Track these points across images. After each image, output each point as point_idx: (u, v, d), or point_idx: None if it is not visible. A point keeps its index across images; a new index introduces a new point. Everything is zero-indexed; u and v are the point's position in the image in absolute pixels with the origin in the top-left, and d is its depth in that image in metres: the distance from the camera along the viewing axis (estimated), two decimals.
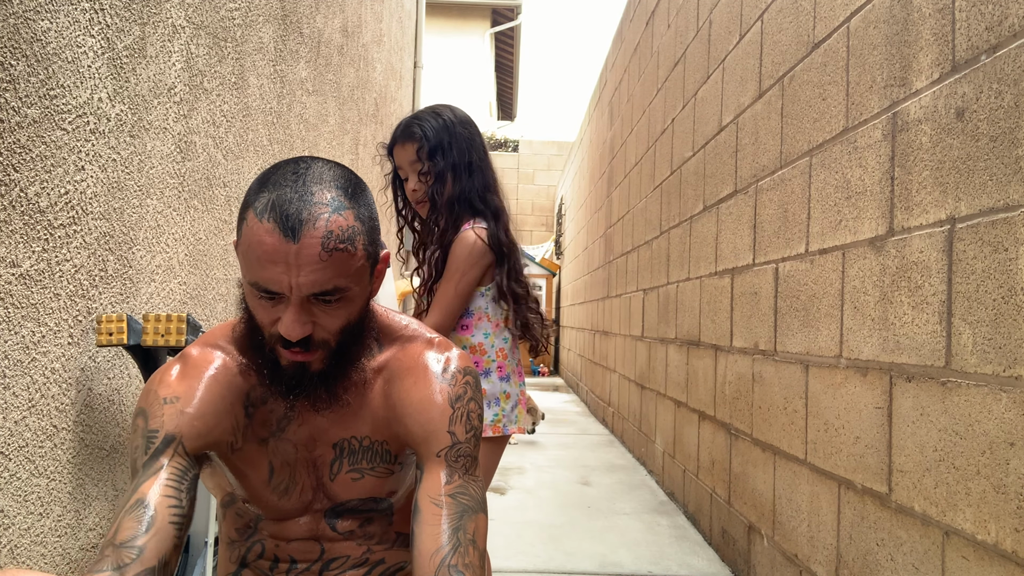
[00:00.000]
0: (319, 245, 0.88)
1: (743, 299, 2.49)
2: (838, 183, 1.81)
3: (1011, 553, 1.18)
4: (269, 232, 0.88)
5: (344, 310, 0.94)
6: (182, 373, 0.99)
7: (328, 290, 0.90)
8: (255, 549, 1.08)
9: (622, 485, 3.72)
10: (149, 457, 0.92)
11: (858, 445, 1.67)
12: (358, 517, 1.07)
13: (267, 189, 0.91)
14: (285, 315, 0.90)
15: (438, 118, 1.73)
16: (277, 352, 0.95)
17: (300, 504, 1.05)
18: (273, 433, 1.02)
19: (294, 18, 3.19)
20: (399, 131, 1.74)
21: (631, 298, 4.71)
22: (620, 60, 5.57)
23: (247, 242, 0.89)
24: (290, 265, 0.87)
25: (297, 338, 0.90)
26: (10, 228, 1.48)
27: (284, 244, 0.87)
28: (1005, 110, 1.23)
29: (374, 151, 4.95)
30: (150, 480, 0.90)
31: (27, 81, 1.51)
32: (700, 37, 3.17)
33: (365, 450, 1.04)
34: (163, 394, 0.97)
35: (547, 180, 12.12)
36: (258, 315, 0.93)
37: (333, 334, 0.95)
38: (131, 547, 0.82)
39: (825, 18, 1.92)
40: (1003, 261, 1.22)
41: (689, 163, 3.30)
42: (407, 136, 1.72)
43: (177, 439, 0.93)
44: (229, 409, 0.99)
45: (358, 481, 1.05)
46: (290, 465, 1.03)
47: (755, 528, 2.31)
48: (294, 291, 0.88)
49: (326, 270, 0.89)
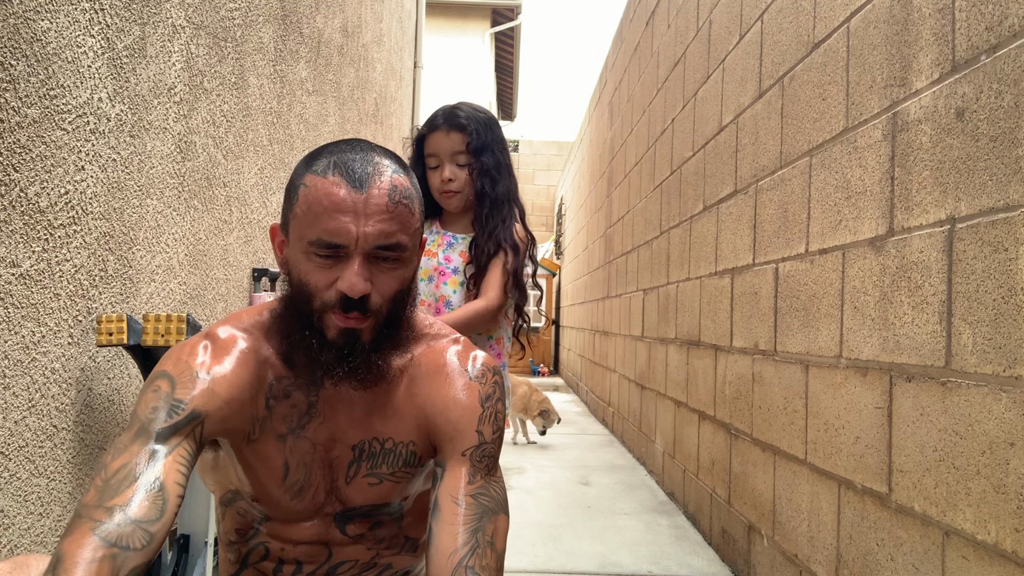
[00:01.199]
0: (386, 196, 0.90)
1: (743, 299, 2.49)
2: (838, 183, 1.81)
3: (1011, 553, 1.18)
4: (336, 184, 0.89)
5: (399, 272, 0.94)
6: (213, 352, 0.95)
7: (391, 244, 0.91)
8: (258, 551, 1.05)
9: (622, 485, 3.72)
10: (169, 427, 0.87)
11: (858, 445, 1.67)
12: (368, 521, 1.04)
13: (324, 155, 0.93)
14: (346, 271, 0.89)
15: (482, 114, 1.75)
16: (326, 323, 0.93)
17: (312, 506, 1.02)
18: (292, 430, 0.99)
19: (294, 18, 3.19)
20: (443, 119, 1.72)
21: (631, 298, 4.71)
22: (620, 60, 5.57)
23: (308, 200, 0.90)
24: (358, 214, 0.88)
25: (360, 294, 0.89)
26: (10, 228, 1.48)
27: (352, 194, 0.89)
28: (1005, 110, 1.23)
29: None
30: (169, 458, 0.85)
31: (27, 81, 1.51)
32: (700, 37, 3.17)
33: (387, 453, 1.01)
34: (195, 367, 0.92)
35: (547, 180, 12.11)
36: (312, 279, 0.91)
37: (387, 299, 0.94)
38: (147, 532, 0.79)
39: (825, 18, 1.92)
40: (1003, 261, 1.22)
41: (689, 163, 3.30)
42: (455, 126, 1.70)
43: (201, 418, 0.89)
44: (252, 399, 0.96)
45: (375, 487, 1.02)
46: (306, 465, 1.00)
47: (755, 528, 2.31)
48: (360, 241, 0.89)
49: (392, 222, 0.90)
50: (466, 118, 1.70)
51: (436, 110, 1.76)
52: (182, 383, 0.90)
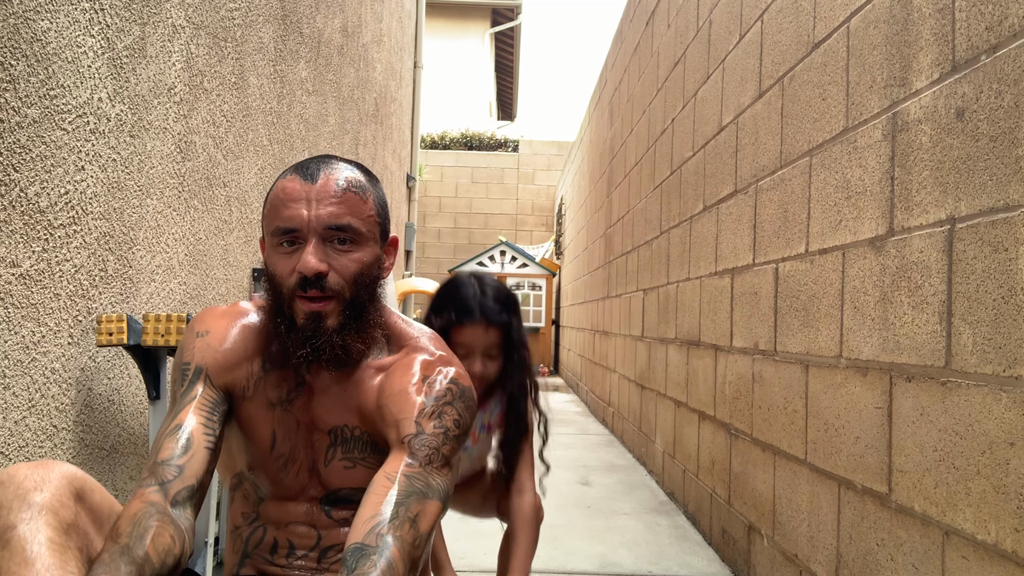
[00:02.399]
0: (335, 184, 1.02)
1: (743, 299, 2.49)
2: (838, 183, 1.81)
3: (1011, 553, 1.18)
4: (291, 180, 1.02)
5: (357, 255, 1.04)
6: (219, 314, 1.10)
7: (342, 225, 1.01)
8: (256, 535, 1.13)
9: (622, 485, 3.72)
10: (185, 388, 1.03)
11: (858, 445, 1.67)
12: (352, 506, 1.12)
13: (292, 166, 1.07)
14: (303, 253, 1.00)
15: (511, 297, 1.65)
16: (295, 309, 1.03)
17: (298, 485, 1.12)
18: (281, 402, 1.10)
19: (294, 18, 3.19)
20: (479, 310, 1.58)
21: (631, 298, 4.71)
22: (620, 60, 5.57)
23: (272, 200, 1.04)
24: (309, 200, 1.00)
25: (313, 271, 0.99)
26: (10, 228, 1.48)
27: (304, 185, 1.01)
28: (1005, 110, 1.23)
29: (375, 150, 4.95)
30: (186, 408, 1.00)
31: (27, 81, 1.51)
32: (700, 37, 3.17)
33: (356, 440, 1.10)
34: (196, 328, 1.09)
35: (547, 180, 12.12)
36: (278, 269, 1.03)
37: (348, 281, 1.03)
38: (171, 465, 0.92)
39: (825, 18, 1.92)
40: (1003, 261, 1.22)
41: (689, 163, 3.30)
42: (494, 322, 1.59)
43: (204, 370, 1.04)
44: (249, 356, 1.09)
45: (350, 470, 1.11)
46: (291, 441, 1.10)
47: (755, 528, 2.32)
48: (312, 223, 1.00)
49: (340, 205, 1.02)
50: (504, 310, 1.61)
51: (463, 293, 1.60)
52: (186, 348, 1.07)
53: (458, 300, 1.60)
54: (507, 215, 11.91)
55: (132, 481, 1.98)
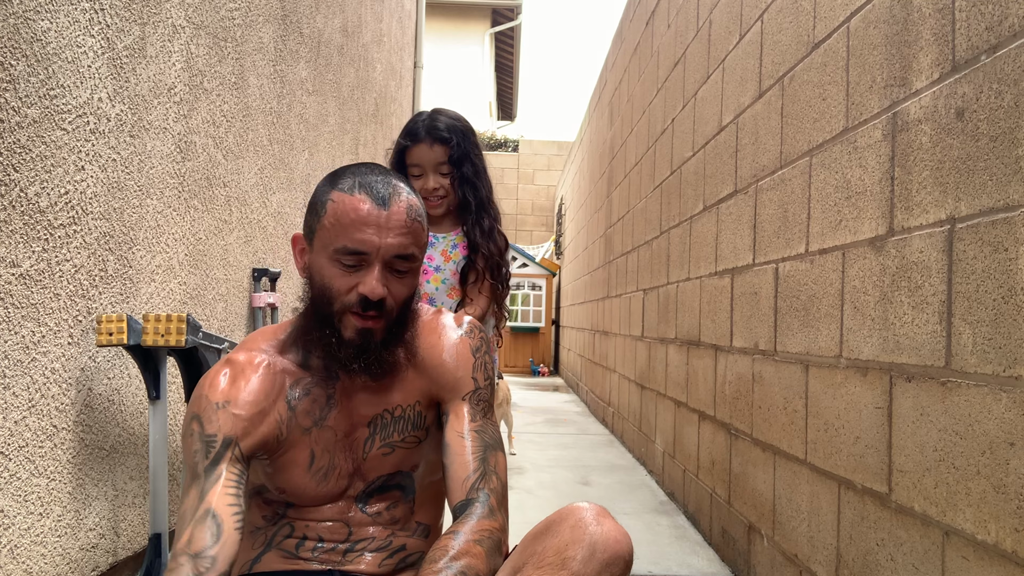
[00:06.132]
0: (405, 214, 1.05)
1: (743, 299, 2.49)
2: (838, 183, 1.81)
3: (1011, 553, 1.18)
4: (362, 201, 1.03)
5: (411, 280, 1.09)
6: (231, 377, 1.08)
7: (407, 255, 1.06)
8: (283, 531, 1.15)
9: (622, 485, 3.72)
10: (210, 462, 1.00)
11: (858, 445, 1.67)
12: (385, 499, 1.16)
13: (347, 176, 1.08)
14: (367, 277, 1.03)
15: (459, 122, 1.88)
16: (344, 323, 1.06)
17: (336, 489, 1.14)
18: (316, 423, 1.12)
19: (294, 18, 3.19)
20: (424, 131, 1.83)
21: (631, 298, 4.72)
22: (620, 60, 5.57)
23: (336, 213, 1.04)
24: (381, 227, 1.03)
25: (379, 297, 1.03)
26: (10, 228, 1.48)
27: (376, 210, 1.03)
28: (1005, 110, 1.23)
29: (375, 150, 4.95)
30: (213, 488, 0.99)
31: (27, 81, 1.51)
32: (700, 37, 3.17)
33: (397, 420, 1.15)
34: (215, 399, 1.05)
35: (547, 180, 12.12)
36: (336, 283, 1.05)
37: (399, 303, 1.08)
38: (205, 557, 0.92)
39: (825, 18, 1.92)
40: (1003, 261, 1.22)
41: (689, 163, 3.30)
42: (438, 139, 1.83)
43: (234, 441, 1.03)
44: (274, 406, 1.09)
45: (388, 456, 1.15)
46: (330, 452, 1.13)
47: (755, 528, 2.32)
48: (381, 251, 1.03)
49: (408, 235, 1.05)
50: (447, 130, 1.83)
51: (416, 120, 1.87)
52: (208, 419, 1.03)
53: (409, 125, 1.86)
54: (507, 215, 11.87)
55: (132, 481, 1.98)
